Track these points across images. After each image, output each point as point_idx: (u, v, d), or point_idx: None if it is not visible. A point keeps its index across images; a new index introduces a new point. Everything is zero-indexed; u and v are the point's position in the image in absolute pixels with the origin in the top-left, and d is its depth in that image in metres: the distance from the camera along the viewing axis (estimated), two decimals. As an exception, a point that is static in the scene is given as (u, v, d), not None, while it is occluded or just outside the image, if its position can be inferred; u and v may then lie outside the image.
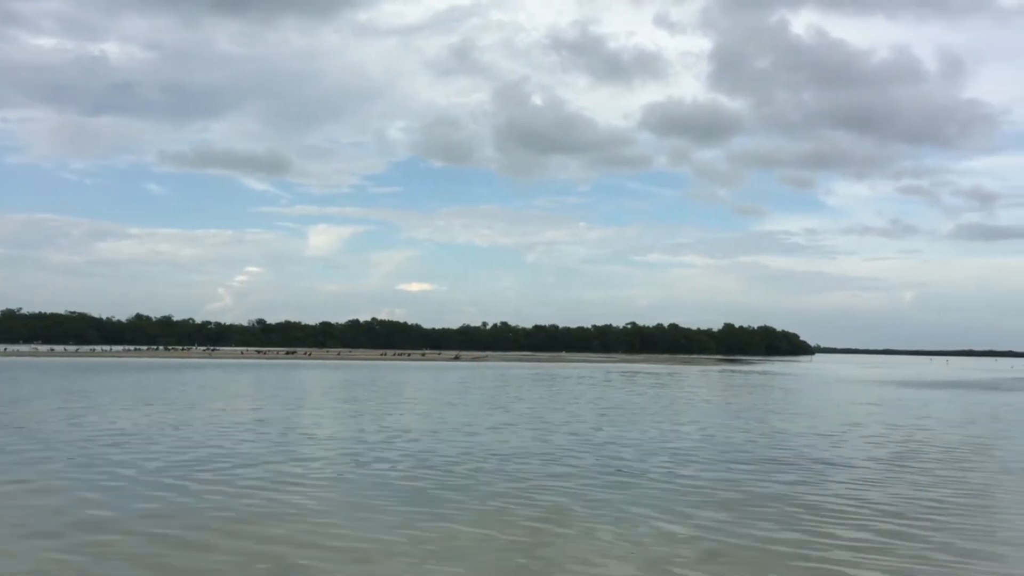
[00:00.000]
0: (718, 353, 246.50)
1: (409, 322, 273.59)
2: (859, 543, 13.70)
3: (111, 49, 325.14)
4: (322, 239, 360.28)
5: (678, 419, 35.29)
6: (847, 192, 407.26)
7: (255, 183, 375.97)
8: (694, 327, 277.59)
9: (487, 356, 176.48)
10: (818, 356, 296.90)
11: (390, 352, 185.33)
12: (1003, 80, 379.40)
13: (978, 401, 53.13)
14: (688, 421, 34.50)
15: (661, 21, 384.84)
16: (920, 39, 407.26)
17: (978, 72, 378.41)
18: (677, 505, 16.49)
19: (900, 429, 32.62)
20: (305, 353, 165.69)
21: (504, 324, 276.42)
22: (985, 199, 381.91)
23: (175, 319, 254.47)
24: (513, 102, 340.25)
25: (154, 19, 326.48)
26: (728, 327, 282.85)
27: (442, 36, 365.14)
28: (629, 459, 22.77)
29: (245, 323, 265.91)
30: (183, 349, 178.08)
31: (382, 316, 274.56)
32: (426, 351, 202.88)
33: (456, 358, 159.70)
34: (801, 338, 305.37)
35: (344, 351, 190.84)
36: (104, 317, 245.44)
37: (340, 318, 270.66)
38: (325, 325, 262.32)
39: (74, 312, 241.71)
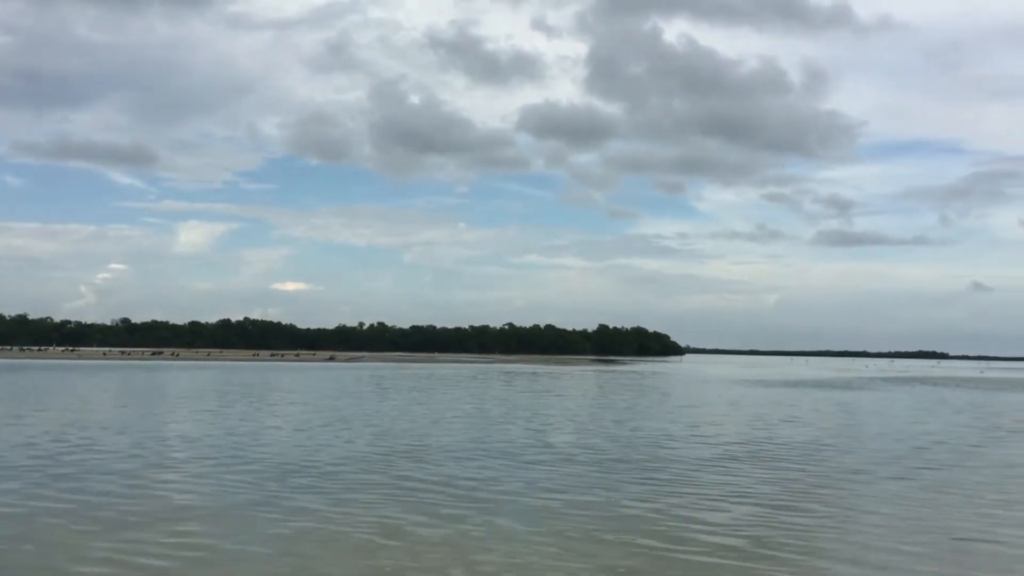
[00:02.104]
0: (592, 353, 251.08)
1: (283, 322, 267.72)
2: (683, 541, 14.06)
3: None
4: (192, 236, 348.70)
5: (532, 420, 35.73)
6: (716, 198, 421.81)
7: (120, 176, 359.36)
8: (569, 328, 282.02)
9: (362, 356, 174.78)
10: (688, 356, 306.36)
11: (263, 352, 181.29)
12: (861, 93, 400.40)
13: (827, 399, 55.84)
14: (539, 421, 34.97)
15: (538, 24, 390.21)
16: (785, 51, 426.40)
17: (839, 84, 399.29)
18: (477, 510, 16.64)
19: (749, 426, 33.84)
20: (172, 354, 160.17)
21: (381, 324, 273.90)
22: (843, 207, 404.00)
23: (31, 318, 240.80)
24: (390, 100, 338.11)
25: (7, 1, 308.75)
26: (602, 328, 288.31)
27: (319, 31, 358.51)
28: (462, 461, 22.82)
29: (108, 322, 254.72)
30: (39, 349, 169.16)
31: (255, 316, 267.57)
32: (300, 352, 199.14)
33: (331, 359, 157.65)
34: (672, 339, 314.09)
35: (214, 351, 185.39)
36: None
37: (210, 317, 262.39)
38: (194, 325, 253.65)
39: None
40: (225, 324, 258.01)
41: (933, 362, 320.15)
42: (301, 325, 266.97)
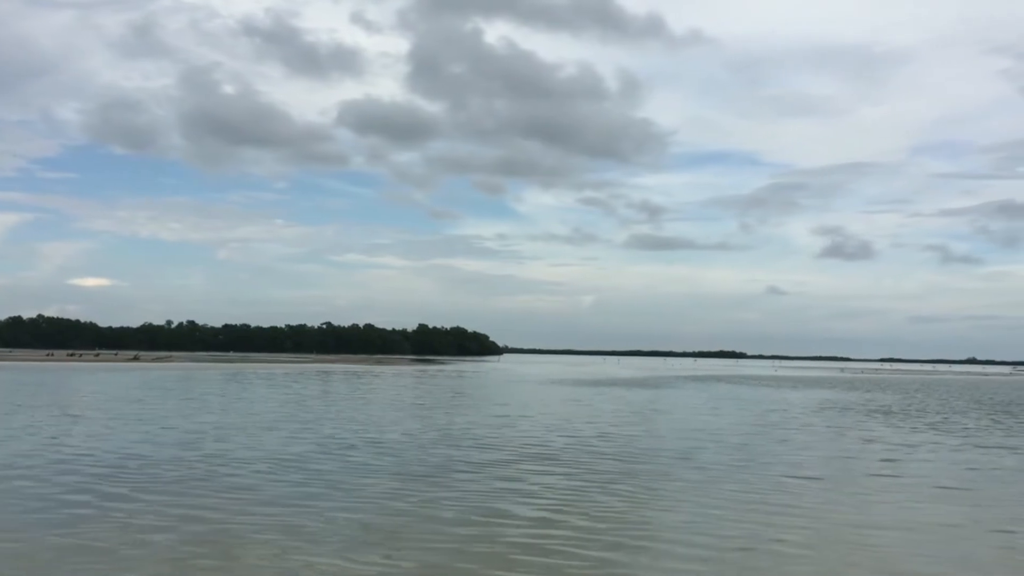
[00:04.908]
0: (412, 353, 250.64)
1: (83, 320, 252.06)
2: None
3: None
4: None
5: (312, 422, 35.27)
6: (535, 200, 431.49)
7: None
8: (390, 327, 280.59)
9: (171, 357, 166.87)
10: (506, 356, 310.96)
11: (59, 352, 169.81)
12: (672, 103, 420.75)
13: (626, 398, 57.67)
14: (314, 424, 34.30)
15: (357, 19, 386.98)
16: (602, 58, 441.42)
17: (652, 94, 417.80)
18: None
19: (536, 426, 34.50)
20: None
21: (191, 323, 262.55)
22: (653, 212, 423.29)
23: None
24: (202, 89, 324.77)
25: None
26: (422, 328, 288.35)
27: (124, 13, 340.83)
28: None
29: None
30: None
31: (50, 313, 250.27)
32: (100, 351, 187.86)
33: (135, 359, 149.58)
34: (491, 339, 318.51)
35: (2, 351, 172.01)
36: None
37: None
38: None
39: None
40: (15, 322, 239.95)
41: (733, 361, 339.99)
42: (103, 324, 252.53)
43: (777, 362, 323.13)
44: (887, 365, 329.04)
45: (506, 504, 17.99)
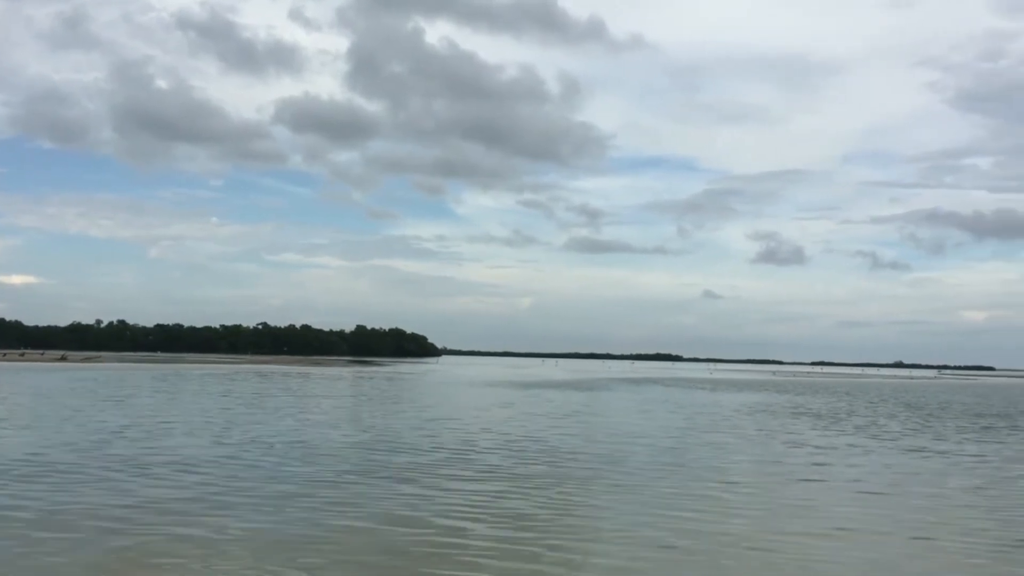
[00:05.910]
0: (350, 354, 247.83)
1: (8, 319, 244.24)
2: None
3: None
4: None
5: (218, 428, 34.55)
6: (474, 202, 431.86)
7: None
8: (327, 328, 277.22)
9: (100, 357, 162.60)
10: (444, 358, 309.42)
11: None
12: (612, 107, 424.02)
13: (560, 400, 57.63)
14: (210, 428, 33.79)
15: (296, 16, 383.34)
16: (543, 61, 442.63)
17: (592, 98, 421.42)
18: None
19: (476, 428, 34.05)
20: None
21: (121, 323, 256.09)
22: (592, 215, 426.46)
23: None
24: (134, 82, 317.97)
25: None
26: (360, 329, 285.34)
27: (55, 4, 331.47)
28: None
29: None
30: None
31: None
32: (26, 351, 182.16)
33: (62, 359, 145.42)
34: (430, 340, 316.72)
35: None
36: None
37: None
38: None
39: None
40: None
41: (669, 364, 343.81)
42: (29, 322, 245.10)
43: (712, 365, 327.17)
44: (818, 368, 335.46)
45: (430, 510, 17.51)
